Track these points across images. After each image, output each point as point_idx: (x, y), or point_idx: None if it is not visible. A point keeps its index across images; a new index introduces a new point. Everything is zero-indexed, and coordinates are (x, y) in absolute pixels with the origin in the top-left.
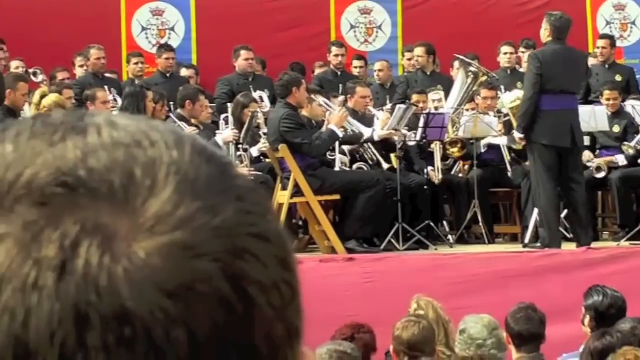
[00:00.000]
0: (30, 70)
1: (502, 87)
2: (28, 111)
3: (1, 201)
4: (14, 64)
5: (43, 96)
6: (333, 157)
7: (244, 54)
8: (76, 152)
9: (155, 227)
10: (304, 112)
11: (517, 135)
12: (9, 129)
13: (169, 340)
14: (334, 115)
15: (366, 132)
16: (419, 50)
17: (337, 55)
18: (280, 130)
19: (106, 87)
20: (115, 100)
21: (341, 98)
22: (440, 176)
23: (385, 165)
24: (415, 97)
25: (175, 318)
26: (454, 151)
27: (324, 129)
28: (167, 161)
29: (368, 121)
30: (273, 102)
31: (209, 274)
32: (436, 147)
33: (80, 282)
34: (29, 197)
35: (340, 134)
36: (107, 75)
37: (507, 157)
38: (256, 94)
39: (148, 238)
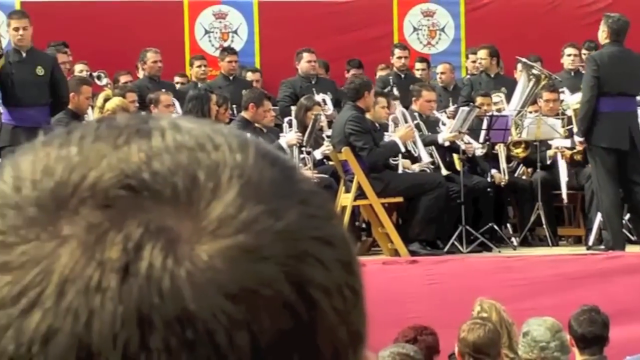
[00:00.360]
0: (94, 74)
1: (566, 88)
2: (92, 114)
3: (65, 203)
4: (78, 67)
5: (106, 99)
6: (396, 161)
7: (306, 56)
8: (140, 155)
9: (218, 230)
10: (367, 115)
11: (577, 138)
12: (73, 132)
13: (231, 343)
14: (401, 129)
15: (425, 157)
16: (482, 53)
17: (400, 58)
18: (345, 131)
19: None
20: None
21: (395, 91)
22: (506, 178)
23: (444, 172)
24: (479, 100)
25: (237, 321)
26: (518, 152)
27: (386, 138)
28: (230, 164)
29: (432, 124)
30: (336, 104)
31: (272, 277)
32: (500, 149)
33: (143, 284)
34: (93, 199)
35: (402, 148)
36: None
37: (563, 168)
38: (319, 97)
39: (211, 241)
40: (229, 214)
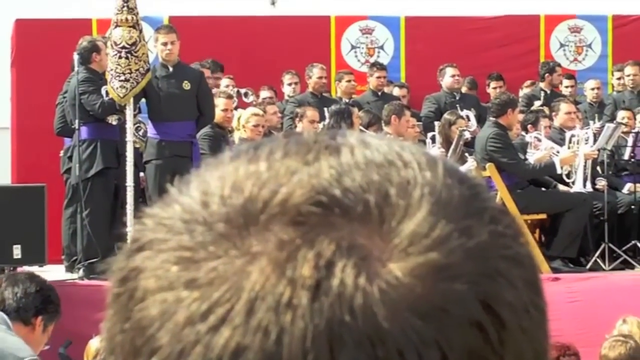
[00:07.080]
0: (242, 91)
1: None
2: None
3: (255, 219)
4: (224, 82)
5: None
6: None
7: (449, 71)
8: (331, 171)
9: (409, 247)
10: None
11: None
12: (260, 147)
13: None
14: (564, 152)
15: (579, 185)
16: (633, 69)
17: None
18: (487, 149)
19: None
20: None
21: (546, 110)
22: None
23: (581, 188)
24: (621, 114)
25: (427, 340)
26: None
27: (540, 155)
28: (420, 182)
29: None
30: (479, 120)
31: (462, 295)
32: None
33: (334, 302)
34: (284, 215)
35: (559, 170)
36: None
37: None
38: (463, 113)
39: (402, 259)
40: (420, 232)
